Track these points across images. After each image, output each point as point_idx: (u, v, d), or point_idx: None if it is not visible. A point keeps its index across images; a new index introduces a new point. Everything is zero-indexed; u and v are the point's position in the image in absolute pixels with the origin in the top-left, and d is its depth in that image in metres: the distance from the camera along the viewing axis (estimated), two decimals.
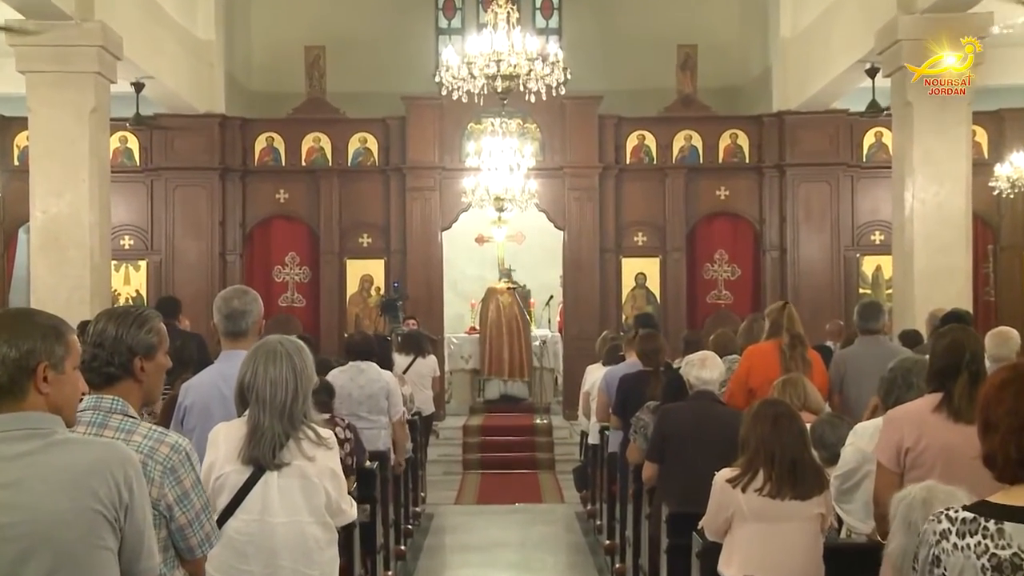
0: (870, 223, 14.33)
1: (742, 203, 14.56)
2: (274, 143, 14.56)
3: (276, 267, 14.56)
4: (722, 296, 14.56)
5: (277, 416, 3.35)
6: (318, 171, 14.47)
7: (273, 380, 3.36)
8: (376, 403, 7.40)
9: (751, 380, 6.27)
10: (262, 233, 14.66)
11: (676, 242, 14.47)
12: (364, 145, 14.62)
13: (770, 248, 14.45)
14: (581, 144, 14.38)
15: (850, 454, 4.38)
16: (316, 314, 14.46)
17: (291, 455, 3.37)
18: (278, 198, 14.52)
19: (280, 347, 3.42)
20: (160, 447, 2.69)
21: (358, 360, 7.47)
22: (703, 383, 5.47)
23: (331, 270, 14.48)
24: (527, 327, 14.90)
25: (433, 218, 14.39)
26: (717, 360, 5.57)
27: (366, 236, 14.57)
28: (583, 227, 14.42)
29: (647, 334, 7.29)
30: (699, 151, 14.58)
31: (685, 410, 5.43)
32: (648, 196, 14.56)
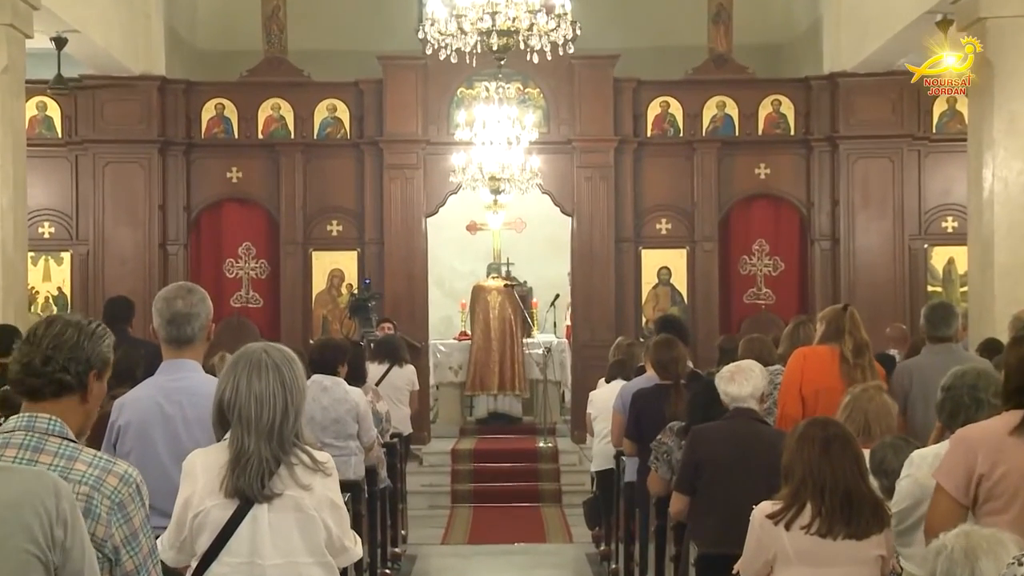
0: (941, 207, 14.34)
1: (786, 183, 14.56)
2: (224, 111, 14.55)
3: (228, 260, 14.55)
4: (762, 295, 14.57)
5: (265, 438, 3.33)
6: (278, 145, 14.46)
7: (259, 396, 3.35)
8: (343, 427, 7.40)
9: (805, 387, 6.33)
10: (211, 219, 14.66)
11: (706, 230, 14.48)
12: (333, 114, 14.61)
13: (819, 238, 14.45)
14: (593, 113, 14.38)
15: (907, 487, 4.37)
16: (275, 316, 14.46)
17: (283, 484, 3.36)
18: (230, 177, 14.52)
19: (265, 357, 3.40)
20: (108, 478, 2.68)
21: (321, 374, 7.46)
22: (734, 400, 5.48)
23: (294, 264, 14.47)
24: (521, 332, 14.89)
25: (416, 202, 14.39)
26: (754, 371, 5.58)
27: (336, 223, 14.57)
28: (595, 212, 14.43)
29: (661, 340, 7.31)
30: (734, 121, 14.58)
31: (722, 431, 5.44)
32: (673, 175, 14.56)
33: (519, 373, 14.76)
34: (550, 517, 12.28)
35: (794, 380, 6.42)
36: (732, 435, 5.39)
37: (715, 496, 5.30)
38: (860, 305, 13.00)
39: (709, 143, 14.46)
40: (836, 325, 6.44)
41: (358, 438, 7.54)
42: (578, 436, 13.67)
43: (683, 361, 7.15)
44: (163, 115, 14.30)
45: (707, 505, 5.35)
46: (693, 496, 5.44)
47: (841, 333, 6.38)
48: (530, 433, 14.48)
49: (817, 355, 6.44)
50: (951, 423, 4.30)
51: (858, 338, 6.35)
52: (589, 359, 13.89)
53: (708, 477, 5.34)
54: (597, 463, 9.25)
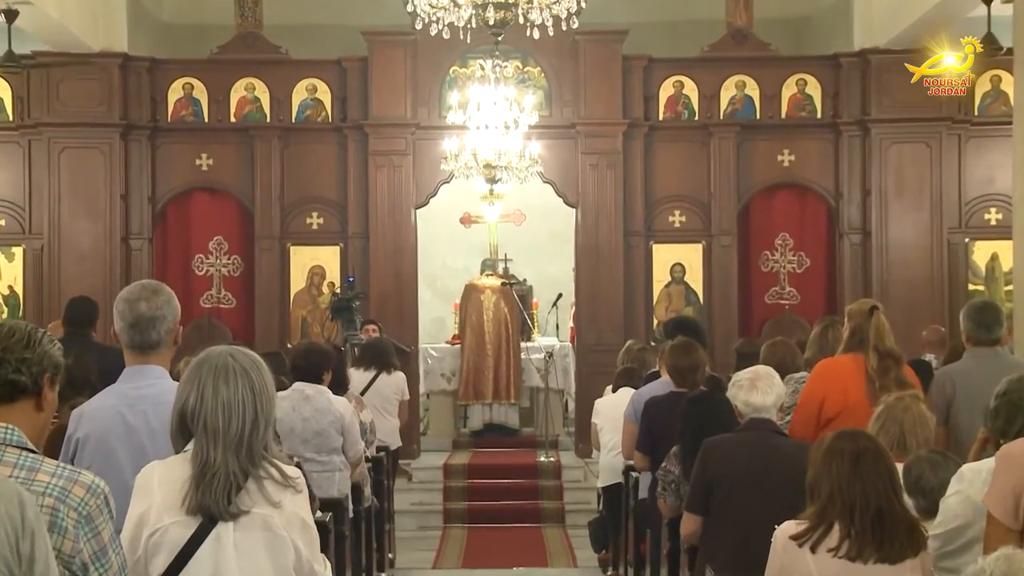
0: (983, 197, 14.33)
1: (812, 171, 14.56)
2: (193, 92, 14.54)
3: (197, 256, 14.55)
4: (786, 294, 14.57)
5: (233, 450, 3.33)
6: (252, 129, 14.45)
7: (227, 404, 3.34)
8: (326, 440, 7.40)
9: (825, 409, 6.24)
10: (178, 211, 14.65)
11: (724, 223, 14.48)
12: (313, 95, 14.60)
13: (849, 231, 14.45)
14: (599, 94, 14.38)
15: (956, 506, 4.36)
16: (249, 318, 14.45)
17: (251, 501, 3.35)
18: (199, 165, 14.51)
19: (232, 361, 3.40)
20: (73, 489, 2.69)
21: (303, 382, 7.46)
22: (754, 410, 5.47)
23: (270, 260, 14.47)
24: (518, 335, 14.89)
25: (404, 192, 14.38)
26: (773, 379, 5.58)
27: (316, 216, 14.56)
28: (602, 203, 14.43)
29: (679, 344, 7.31)
30: (755, 103, 14.58)
31: (737, 444, 5.44)
32: (687, 163, 14.56)
33: (514, 380, 14.75)
34: (552, 539, 12.28)
35: (812, 400, 6.33)
36: (748, 448, 5.39)
37: (730, 516, 5.30)
38: (894, 306, 13.07)
39: (727, 127, 14.45)
40: (861, 334, 6.34)
41: (343, 452, 7.54)
42: (583, 449, 13.67)
43: (702, 368, 7.13)
44: (125, 96, 14.28)
45: (722, 526, 5.35)
46: (706, 516, 5.43)
47: (866, 344, 6.29)
48: (530, 446, 14.47)
49: (839, 369, 6.35)
50: (1007, 431, 4.27)
51: (883, 351, 6.25)
52: (595, 365, 13.89)
53: (722, 495, 5.33)
54: (604, 478, 9.24)
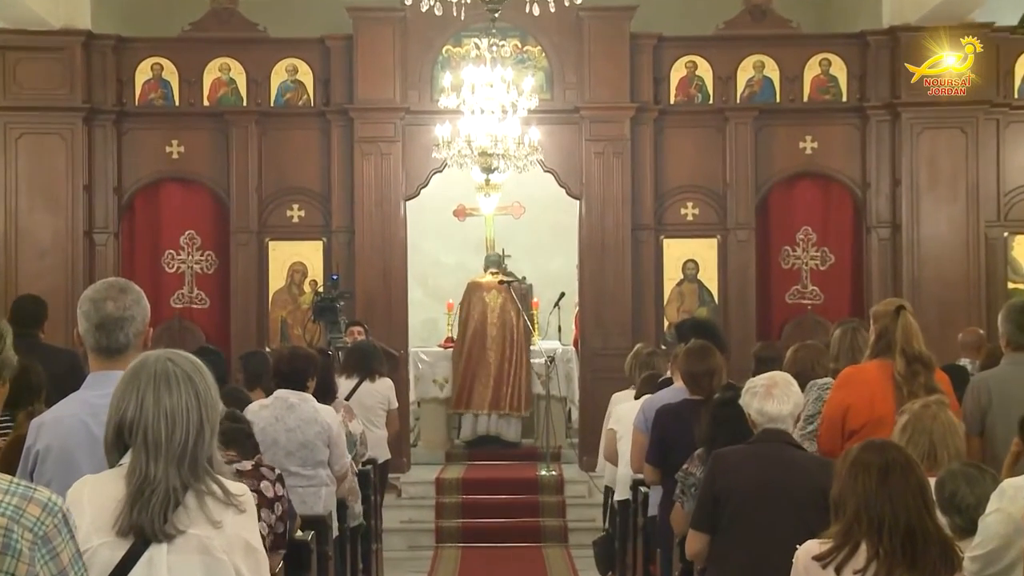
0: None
1: (837, 160, 14.55)
2: (163, 73, 14.53)
3: (167, 252, 14.54)
4: (808, 293, 14.56)
5: (175, 463, 3.33)
6: (227, 114, 14.44)
7: (170, 413, 3.33)
8: (312, 453, 7.40)
9: (850, 421, 6.23)
10: (147, 203, 14.64)
11: (741, 216, 14.48)
12: (293, 77, 14.59)
13: (877, 225, 14.45)
14: (605, 75, 14.38)
15: (996, 524, 4.36)
16: (224, 319, 14.44)
17: (188, 519, 3.34)
18: (169, 152, 14.50)
19: (171, 366, 3.39)
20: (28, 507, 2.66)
21: (286, 389, 7.45)
22: (769, 420, 5.47)
23: (247, 256, 14.46)
24: (525, 339, 14.89)
25: (393, 182, 14.38)
26: (791, 386, 5.56)
27: (297, 208, 14.55)
28: (608, 195, 14.42)
29: (695, 348, 7.30)
30: (775, 85, 14.57)
31: (746, 456, 5.44)
32: (701, 150, 14.56)
33: (523, 390, 14.72)
34: (554, 559, 12.28)
35: (837, 412, 6.31)
36: (760, 461, 5.39)
37: (739, 534, 5.30)
38: (926, 306, 13.10)
39: (744, 112, 14.45)
40: (887, 337, 6.32)
41: (329, 465, 7.53)
42: (587, 463, 13.65)
43: (719, 373, 7.11)
44: (88, 77, 14.27)
45: (730, 545, 5.35)
46: (713, 535, 5.44)
47: (893, 347, 6.27)
48: (530, 459, 14.48)
49: (865, 377, 6.33)
50: None
51: (911, 354, 6.22)
52: (600, 370, 13.89)
53: (731, 512, 5.33)
54: (621, 491, 9.19)
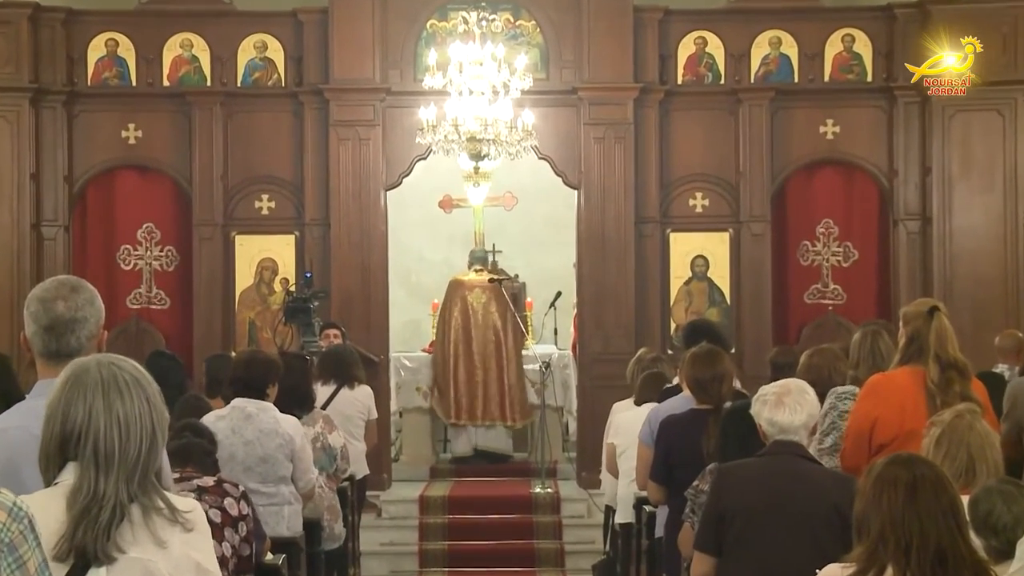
0: None
1: (861, 145, 14.55)
2: (119, 50, 14.50)
3: (123, 247, 14.51)
4: (829, 293, 14.57)
5: (125, 478, 3.33)
6: (189, 95, 14.41)
7: (123, 421, 3.33)
8: (273, 468, 7.38)
9: (878, 434, 6.23)
10: (101, 193, 14.63)
11: (756, 208, 14.48)
12: (262, 54, 14.57)
13: (905, 217, 14.45)
14: (606, 53, 14.37)
15: None
16: (186, 321, 14.43)
17: (133, 538, 3.32)
18: (126, 137, 14.48)
19: (118, 371, 3.40)
20: None
21: (245, 398, 7.43)
22: (780, 431, 5.47)
23: (211, 252, 14.43)
24: (517, 341, 14.88)
25: (372, 170, 14.36)
26: (805, 394, 5.56)
27: (266, 199, 14.53)
28: (609, 184, 14.41)
29: (702, 352, 7.30)
30: (792, 63, 14.57)
31: (755, 471, 5.45)
32: (712, 135, 14.56)
33: (515, 398, 14.70)
34: None
35: (863, 425, 6.30)
36: (769, 476, 5.40)
37: (747, 556, 5.32)
38: (959, 306, 13.08)
39: (759, 93, 14.45)
40: (919, 341, 6.31)
41: (292, 482, 7.52)
42: (586, 479, 13.65)
43: (728, 380, 7.12)
44: (36, 55, 14.25)
45: (737, 568, 5.36)
46: (719, 557, 5.44)
47: (925, 353, 6.26)
48: (523, 475, 14.48)
49: (894, 385, 6.32)
50: None
51: (946, 361, 6.21)
52: (600, 377, 13.89)
53: (737, 531, 5.34)
54: (623, 512, 9.19)
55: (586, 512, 13.36)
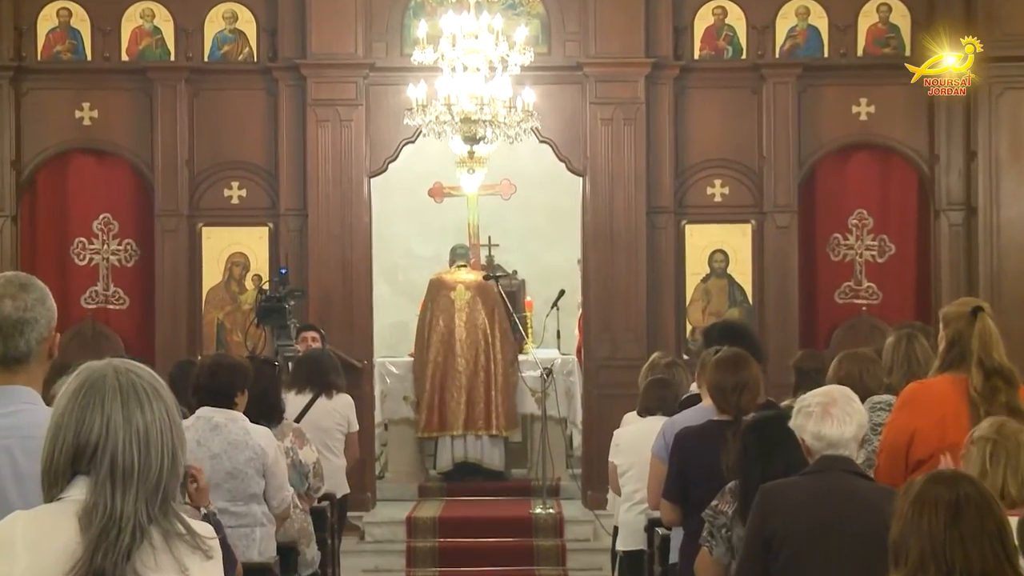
0: None
1: (899, 127, 14.55)
2: (72, 21, 14.50)
3: (77, 240, 14.52)
4: (863, 291, 14.57)
5: (145, 498, 3.32)
6: (151, 71, 14.41)
7: (143, 434, 3.31)
8: (242, 484, 7.37)
9: (916, 449, 6.22)
10: (52, 180, 14.62)
11: (781, 196, 14.48)
12: (232, 26, 14.57)
13: (948, 207, 14.46)
14: (615, 24, 14.37)
15: None
16: (148, 323, 14.43)
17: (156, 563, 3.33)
18: (80, 118, 14.47)
19: (137, 379, 3.38)
20: None
21: (211, 407, 7.43)
22: (828, 445, 5.46)
23: (175, 245, 14.43)
24: (507, 344, 14.89)
25: (355, 155, 14.36)
26: (853, 403, 5.54)
27: (237, 186, 14.54)
28: (618, 170, 14.41)
29: (727, 357, 7.28)
30: (822, 36, 14.58)
31: (802, 492, 5.43)
32: (732, 116, 14.56)
33: (502, 406, 14.70)
34: None
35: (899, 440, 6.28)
36: (819, 496, 5.37)
37: None
38: (1007, 306, 13.09)
39: (785, 69, 14.45)
40: (961, 345, 6.27)
41: (265, 501, 7.52)
42: (592, 498, 13.67)
43: (753, 389, 7.08)
44: None
45: None
46: None
47: (968, 358, 6.22)
48: (523, 494, 14.51)
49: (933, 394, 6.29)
50: None
51: (990, 367, 6.16)
52: (608, 385, 13.91)
53: (786, 558, 5.32)
54: (626, 539, 9.21)
55: (592, 535, 13.36)
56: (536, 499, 14.00)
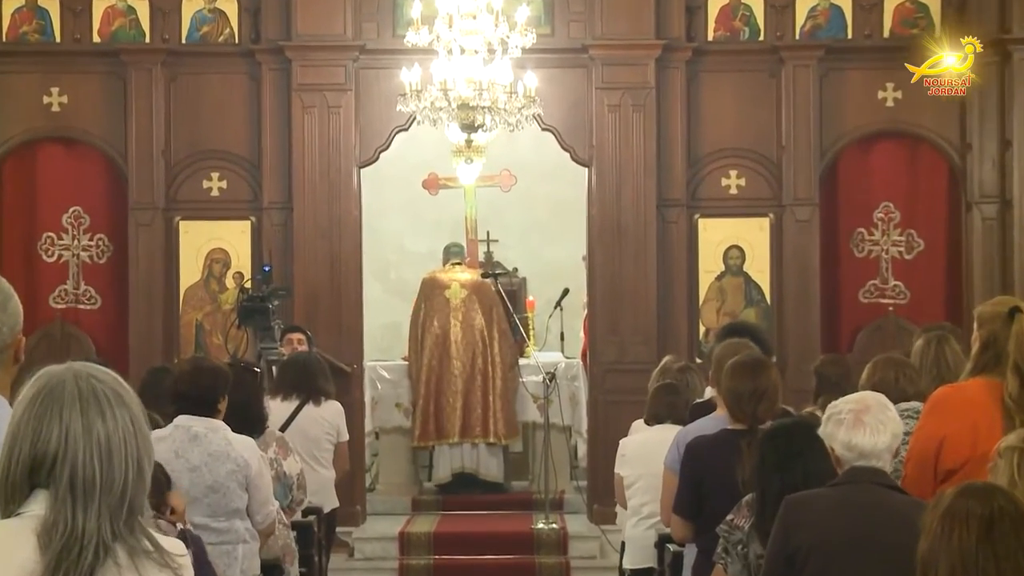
0: None
1: (928, 115, 14.55)
2: (39, 1, 14.52)
3: (45, 235, 14.52)
4: (889, 290, 14.58)
5: (108, 513, 3.33)
6: (124, 54, 14.41)
7: (104, 444, 3.30)
8: (224, 499, 7.37)
9: (945, 458, 6.22)
10: (18, 170, 14.64)
11: (801, 188, 14.48)
12: (212, 5, 14.57)
13: (981, 199, 14.46)
14: (622, 5, 14.37)
15: None
16: (121, 324, 14.44)
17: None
18: (49, 104, 14.48)
19: (97, 383, 3.38)
20: None
21: (191, 415, 7.43)
22: (860, 455, 5.45)
23: (150, 241, 14.43)
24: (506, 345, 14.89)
25: (343, 144, 14.36)
26: (887, 410, 5.53)
27: (217, 177, 14.54)
28: (625, 161, 14.42)
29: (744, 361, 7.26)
30: (845, 17, 14.58)
31: (830, 505, 5.43)
32: (748, 102, 14.57)
33: (499, 412, 14.71)
34: None
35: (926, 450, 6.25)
36: (848, 510, 5.37)
37: None
38: None
39: (806, 52, 14.45)
40: (996, 348, 6.24)
41: (248, 516, 7.52)
42: (599, 512, 13.67)
43: (770, 398, 7.07)
44: None
45: None
46: None
47: (1003, 361, 6.18)
48: (524, 508, 14.54)
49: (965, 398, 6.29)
50: None
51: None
52: (615, 391, 13.92)
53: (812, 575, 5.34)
54: (633, 556, 9.21)
55: (599, 552, 13.37)
56: (538, 513, 14.00)
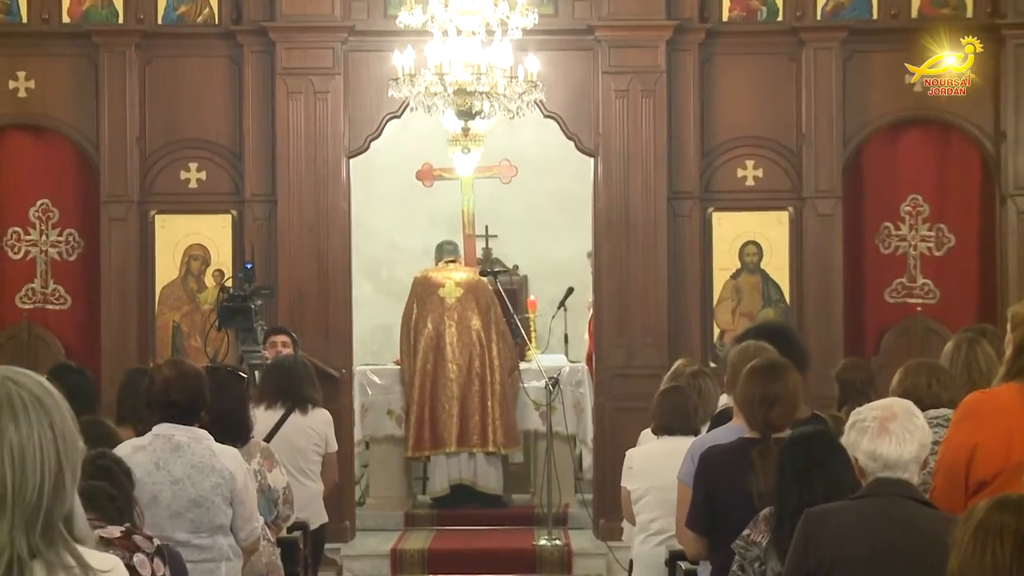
0: None
1: (958, 100, 14.54)
2: None
3: (11, 230, 14.53)
4: (917, 289, 14.58)
5: (23, 526, 3.33)
6: (96, 35, 14.41)
7: (19, 451, 3.32)
8: (208, 513, 7.36)
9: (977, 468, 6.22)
10: None
11: (823, 180, 14.49)
12: None
13: (1015, 192, 14.46)
14: None
15: None
16: (92, 324, 14.45)
17: None
18: (14, 89, 14.48)
19: (13, 387, 3.39)
20: None
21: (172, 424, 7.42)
22: (884, 466, 5.46)
23: (124, 236, 14.44)
24: (503, 349, 14.90)
25: (331, 132, 14.37)
26: (914, 418, 5.53)
27: (195, 168, 14.55)
28: (634, 150, 14.43)
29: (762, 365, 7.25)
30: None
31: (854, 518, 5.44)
32: (765, 87, 14.58)
33: (499, 417, 14.71)
34: None
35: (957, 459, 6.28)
36: (872, 523, 5.38)
37: None
38: None
39: (828, 33, 14.47)
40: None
41: (232, 532, 7.52)
42: (604, 527, 13.67)
43: (787, 402, 7.06)
44: None
45: None
46: None
47: None
48: (525, 523, 14.56)
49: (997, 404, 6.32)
50: None
51: None
52: (623, 397, 13.94)
53: None
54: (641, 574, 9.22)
55: (605, 570, 13.39)
56: (540, 529, 14.02)
